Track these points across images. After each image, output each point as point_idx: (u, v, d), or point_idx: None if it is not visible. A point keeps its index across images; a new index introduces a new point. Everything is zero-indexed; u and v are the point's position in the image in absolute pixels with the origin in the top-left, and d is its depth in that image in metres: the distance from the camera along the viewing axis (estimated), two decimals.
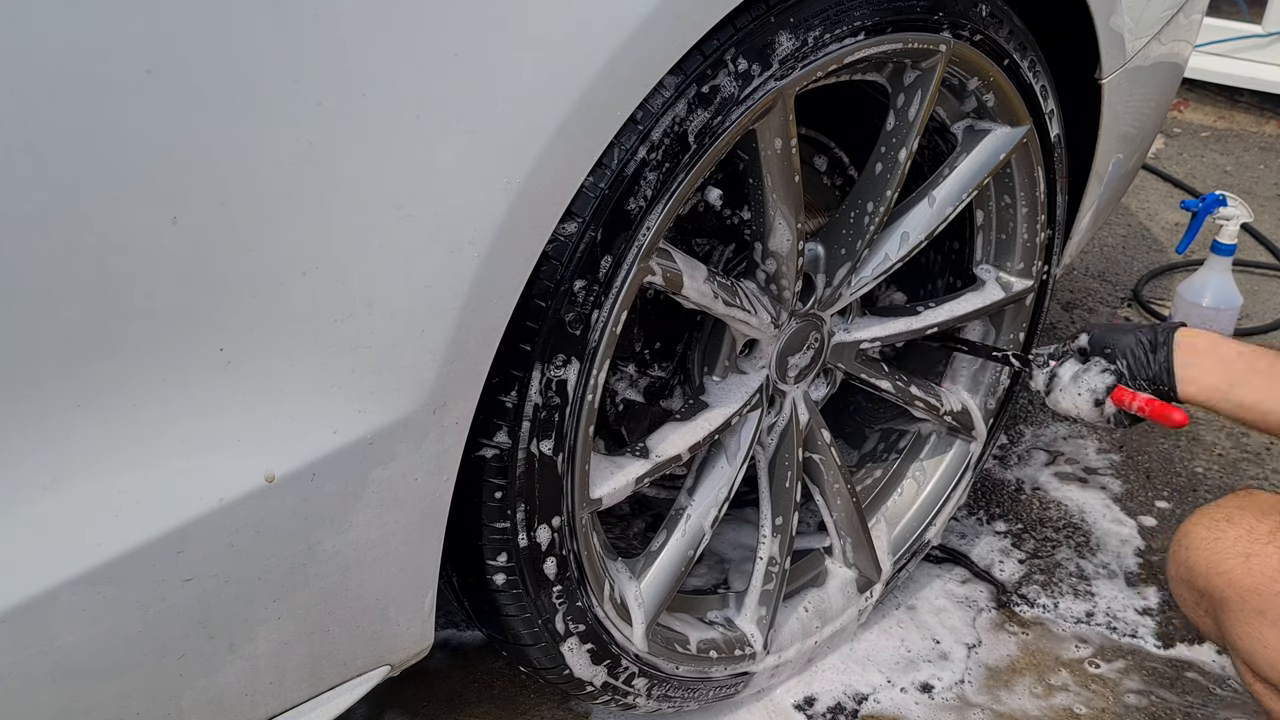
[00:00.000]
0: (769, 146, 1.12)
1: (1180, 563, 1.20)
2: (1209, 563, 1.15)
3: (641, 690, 1.31)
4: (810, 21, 1.07)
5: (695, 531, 1.30)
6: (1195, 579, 1.17)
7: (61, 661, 0.81)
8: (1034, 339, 1.62)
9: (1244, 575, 1.11)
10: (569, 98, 0.88)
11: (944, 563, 1.76)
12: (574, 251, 0.98)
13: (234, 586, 0.88)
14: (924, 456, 1.64)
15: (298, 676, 0.97)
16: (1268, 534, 1.12)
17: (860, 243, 1.29)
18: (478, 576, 1.11)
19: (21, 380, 0.75)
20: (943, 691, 1.54)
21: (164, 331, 0.79)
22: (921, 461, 1.64)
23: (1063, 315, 2.43)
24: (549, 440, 1.05)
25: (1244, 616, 1.11)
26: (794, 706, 1.51)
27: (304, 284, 0.83)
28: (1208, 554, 1.15)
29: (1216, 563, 1.14)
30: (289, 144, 0.79)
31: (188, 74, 0.75)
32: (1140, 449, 2.02)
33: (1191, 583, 1.18)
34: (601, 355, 1.05)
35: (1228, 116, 3.41)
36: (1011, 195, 1.46)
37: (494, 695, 1.51)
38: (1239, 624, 1.12)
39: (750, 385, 1.30)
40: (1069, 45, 1.39)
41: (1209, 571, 1.15)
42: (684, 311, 1.28)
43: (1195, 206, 2.14)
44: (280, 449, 0.86)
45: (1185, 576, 1.19)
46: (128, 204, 0.75)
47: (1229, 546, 1.14)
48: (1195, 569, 1.17)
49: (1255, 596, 1.10)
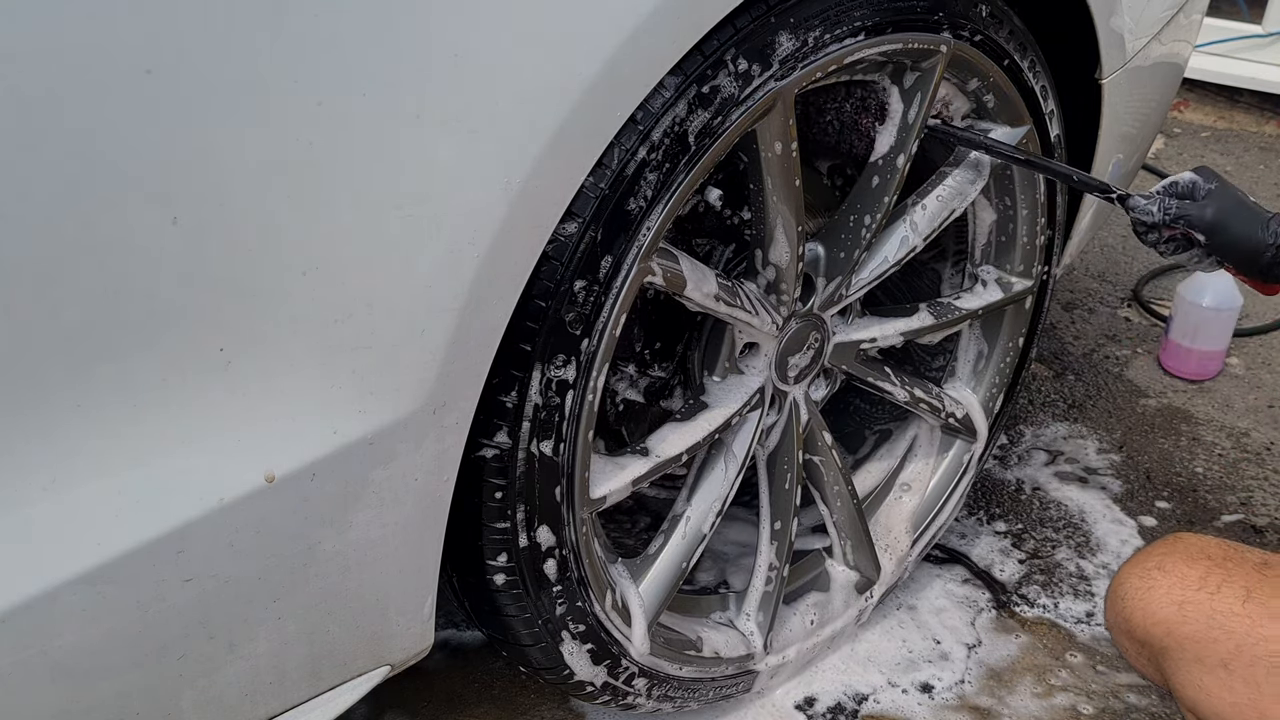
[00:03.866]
0: (769, 148, 1.12)
1: (1117, 613, 1.19)
2: (1144, 613, 1.14)
3: (642, 690, 1.31)
4: (810, 22, 1.07)
5: (695, 533, 1.30)
6: (1134, 630, 1.16)
7: (61, 661, 0.81)
8: (1033, 342, 1.62)
9: (1180, 623, 1.10)
10: (569, 98, 0.88)
11: (944, 563, 1.76)
12: (574, 252, 0.98)
13: (234, 586, 0.88)
14: (924, 457, 1.64)
15: (298, 676, 0.97)
16: (1198, 580, 1.11)
17: (860, 243, 1.29)
18: (478, 577, 1.11)
19: (22, 380, 0.75)
20: (943, 692, 1.54)
21: (164, 332, 0.79)
22: (921, 462, 1.64)
23: (1063, 315, 2.44)
24: (549, 440, 1.05)
25: (1183, 665, 1.10)
26: (794, 706, 1.51)
27: (304, 284, 0.83)
28: (1143, 604, 1.14)
29: (1152, 612, 1.13)
30: (289, 144, 0.79)
31: (188, 74, 0.75)
32: (1141, 449, 2.02)
33: (1130, 633, 1.17)
34: (602, 355, 1.05)
35: (1228, 116, 3.41)
36: (1011, 196, 1.46)
37: (494, 695, 1.51)
38: (1179, 673, 1.11)
39: (750, 385, 1.30)
40: (1069, 45, 1.39)
41: (1146, 621, 1.14)
42: (684, 312, 1.28)
43: None
44: (280, 449, 0.86)
45: (1124, 627, 1.18)
46: (128, 204, 0.75)
47: (1163, 595, 1.13)
48: (1132, 620, 1.16)
49: (1192, 644, 1.09)
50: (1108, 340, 2.36)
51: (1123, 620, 1.18)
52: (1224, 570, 1.12)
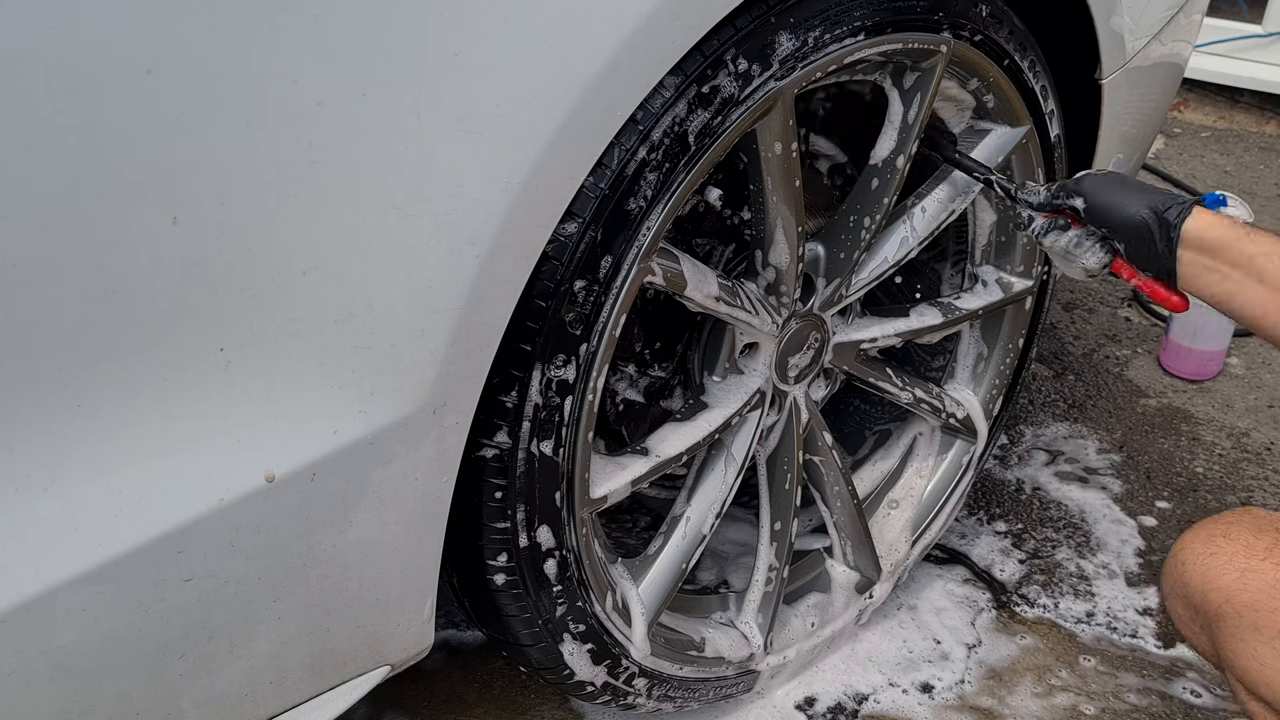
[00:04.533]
0: (769, 149, 1.12)
1: (1175, 578, 1.18)
2: (1204, 578, 1.13)
3: (642, 690, 1.31)
4: (810, 21, 1.07)
5: (695, 534, 1.30)
6: (1191, 594, 1.16)
7: (61, 661, 0.81)
8: (1033, 342, 1.62)
9: (1240, 591, 1.10)
10: (569, 97, 0.88)
11: (944, 563, 1.76)
12: (574, 252, 0.97)
13: (234, 586, 0.88)
14: (923, 457, 1.64)
15: (298, 676, 0.97)
16: (1264, 550, 1.11)
17: (860, 243, 1.29)
18: (478, 576, 1.11)
19: (22, 380, 0.75)
20: (943, 691, 1.54)
21: (164, 331, 0.79)
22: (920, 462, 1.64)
23: (1063, 315, 2.44)
24: (549, 440, 1.05)
25: (1239, 633, 1.10)
26: (795, 706, 1.51)
27: (304, 284, 0.83)
28: (1203, 569, 1.14)
29: (1212, 578, 1.13)
30: (289, 144, 0.79)
31: (188, 74, 0.75)
32: (1141, 449, 2.03)
33: (1187, 598, 1.17)
34: (602, 355, 1.05)
35: (1228, 116, 3.41)
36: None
37: (494, 695, 1.51)
38: (1234, 640, 1.11)
39: (750, 385, 1.30)
40: (1069, 45, 1.39)
41: (1205, 586, 1.13)
42: (684, 312, 1.28)
43: None
44: (280, 449, 0.86)
45: (1180, 592, 1.18)
46: (128, 204, 0.75)
47: (1225, 562, 1.12)
48: (1191, 584, 1.15)
49: (1251, 612, 1.09)
50: (1108, 340, 2.36)
51: (1180, 584, 1.17)
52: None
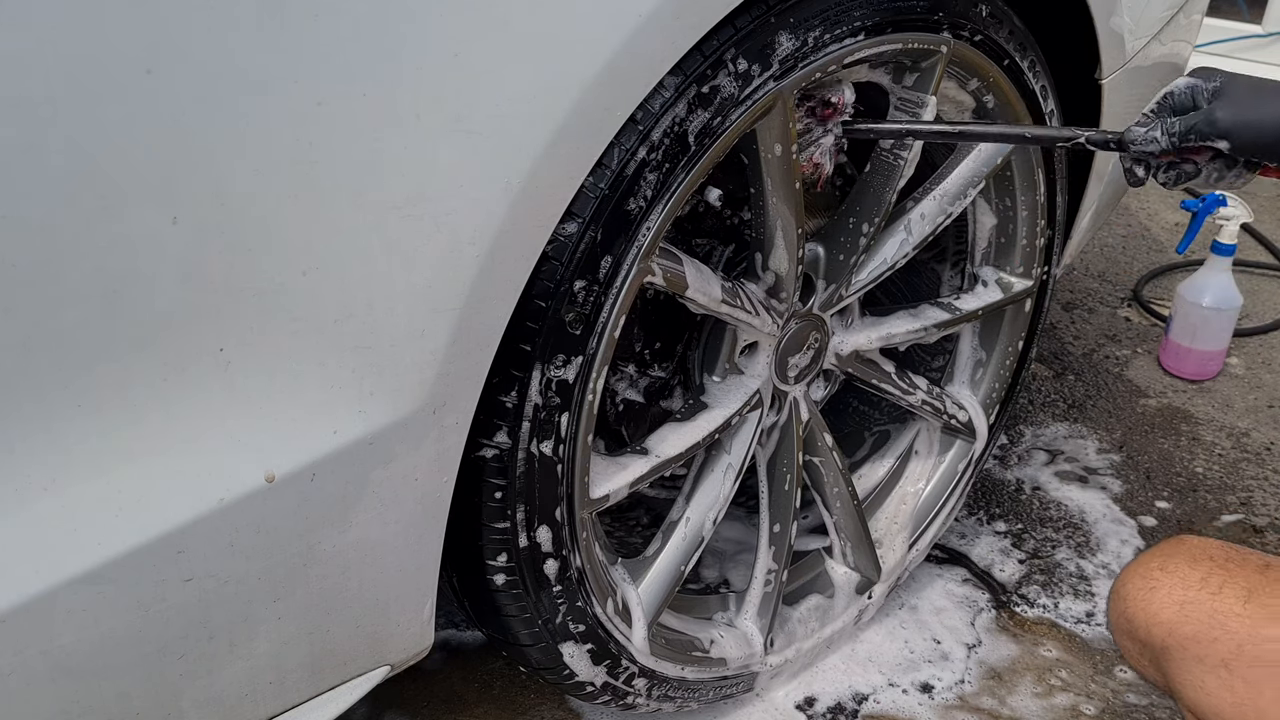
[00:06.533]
0: (769, 150, 1.12)
1: (1119, 614, 1.19)
2: (1146, 613, 1.14)
3: (641, 690, 1.31)
4: (810, 21, 1.07)
5: (694, 535, 1.30)
6: (1136, 630, 1.16)
7: (61, 661, 0.81)
8: (1033, 342, 1.62)
9: (1181, 623, 1.10)
10: (569, 98, 0.88)
11: (944, 563, 1.76)
12: (574, 252, 0.98)
13: (234, 586, 0.88)
14: (923, 457, 1.64)
15: (298, 676, 0.97)
16: (1200, 580, 1.11)
17: (860, 244, 1.29)
18: (478, 577, 1.11)
19: (21, 380, 0.75)
20: (943, 691, 1.54)
21: (164, 331, 0.79)
22: (920, 463, 1.64)
23: (1063, 315, 2.44)
24: (549, 440, 1.05)
25: (1185, 665, 1.10)
26: (795, 707, 1.51)
27: (304, 284, 0.83)
28: (1144, 604, 1.14)
29: (1154, 613, 1.13)
30: (289, 144, 0.79)
31: (188, 74, 0.75)
32: (1141, 449, 2.03)
33: (1132, 634, 1.17)
34: (601, 355, 1.05)
35: None
36: (1011, 198, 1.46)
37: (494, 695, 1.51)
38: (1181, 673, 1.11)
39: (750, 386, 1.30)
40: (1069, 46, 1.39)
41: (1148, 622, 1.14)
42: (684, 312, 1.28)
43: (1195, 207, 2.14)
44: (280, 449, 0.86)
45: (1126, 628, 1.18)
46: (128, 204, 0.75)
47: (1165, 595, 1.12)
48: (1134, 620, 1.16)
49: (1194, 644, 1.09)
50: (1108, 340, 2.36)
51: (1125, 621, 1.18)
52: (1226, 571, 1.12)
